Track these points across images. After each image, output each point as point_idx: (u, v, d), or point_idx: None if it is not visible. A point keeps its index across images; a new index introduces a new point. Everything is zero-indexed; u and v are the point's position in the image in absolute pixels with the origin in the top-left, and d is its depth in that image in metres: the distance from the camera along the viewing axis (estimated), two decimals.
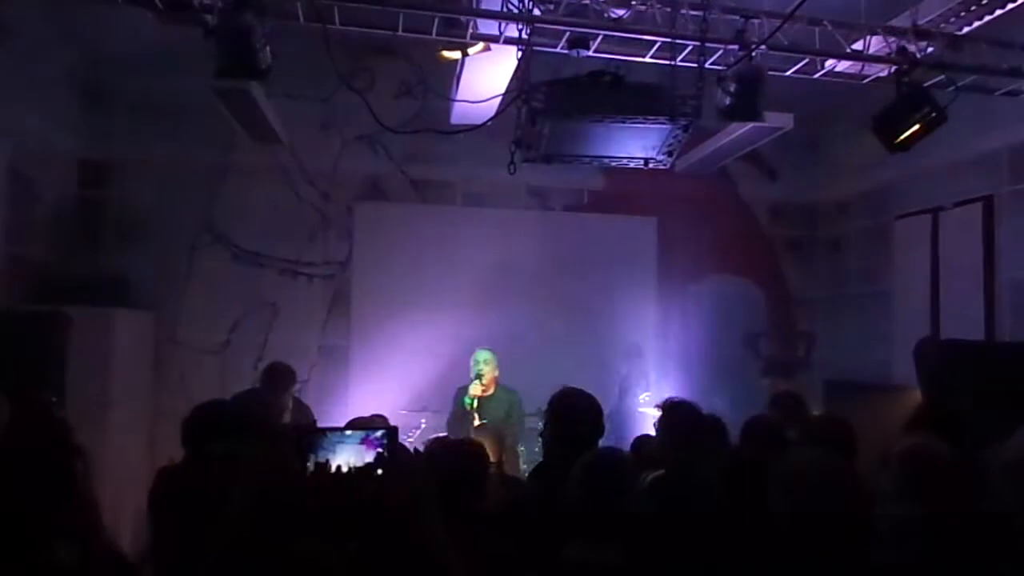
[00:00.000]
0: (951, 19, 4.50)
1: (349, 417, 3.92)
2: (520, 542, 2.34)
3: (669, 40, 4.31)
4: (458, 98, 5.28)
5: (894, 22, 4.68)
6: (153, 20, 4.07)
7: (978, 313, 6.04)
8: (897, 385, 5.90)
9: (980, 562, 2.55)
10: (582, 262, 7.38)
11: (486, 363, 5.53)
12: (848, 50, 4.68)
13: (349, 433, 2.16)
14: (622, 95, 3.70)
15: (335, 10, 4.16)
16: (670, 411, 3.44)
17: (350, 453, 2.10)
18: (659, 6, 4.28)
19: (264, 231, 7.14)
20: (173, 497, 3.02)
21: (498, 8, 4.16)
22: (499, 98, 4.83)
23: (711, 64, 4.45)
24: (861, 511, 2.15)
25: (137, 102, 6.66)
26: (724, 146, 6.30)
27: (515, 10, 4.11)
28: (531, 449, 5.90)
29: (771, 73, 4.49)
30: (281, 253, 7.20)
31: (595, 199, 7.83)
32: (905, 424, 3.51)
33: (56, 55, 6.14)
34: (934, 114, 4.56)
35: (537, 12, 4.15)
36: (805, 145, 7.63)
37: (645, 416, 5.95)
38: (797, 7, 3.87)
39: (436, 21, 4.32)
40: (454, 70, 5.28)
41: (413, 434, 6.09)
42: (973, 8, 4.35)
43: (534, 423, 5.56)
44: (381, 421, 3.65)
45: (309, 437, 2.11)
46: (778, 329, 8.21)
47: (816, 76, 4.89)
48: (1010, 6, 4.24)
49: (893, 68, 4.69)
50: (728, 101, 4.38)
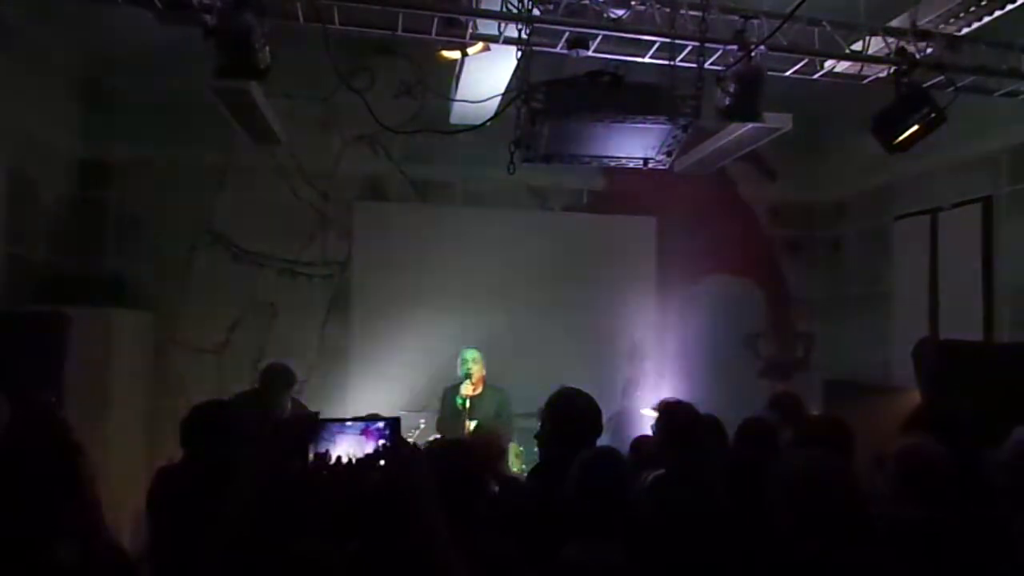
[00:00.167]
0: (950, 20, 4.50)
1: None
2: (520, 542, 2.35)
3: (668, 40, 4.31)
4: (457, 98, 5.28)
5: (893, 23, 4.68)
6: (153, 20, 4.07)
7: (977, 314, 6.04)
8: (896, 385, 5.91)
9: (978, 563, 2.55)
10: (581, 262, 7.37)
11: (475, 362, 5.54)
12: (847, 51, 4.68)
13: (349, 423, 2.14)
14: (621, 95, 3.69)
15: (335, 10, 4.16)
16: (668, 412, 3.45)
17: (350, 443, 2.08)
18: (658, 6, 4.28)
19: (263, 231, 7.14)
20: (172, 497, 3.03)
21: (498, 8, 4.16)
22: (498, 98, 4.83)
23: (710, 64, 4.45)
24: (860, 511, 2.15)
25: (137, 102, 6.66)
26: (723, 146, 6.29)
27: (515, 10, 4.11)
28: (530, 449, 5.90)
29: (770, 73, 4.49)
30: (280, 253, 7.20)
31: (594, 199, 7.83)
32: (903, 424, 3.52)
33: (56, 55, 6.14)
34: (933, 115, 4.56)
35: (536, 12, 4.15)
36: (804, 145, 7.64)
37: (648, 418, 5.94)
38: (796, 8, 3.87)
39: (436, 21, 4.32)
40: (453, 70, 5.28)
41: (413, 434, 6.08)
42: (972, 9, 4.35)
43: (533, 423, 5.56)
44: None
45: (309, 427, 2.09)
46: (777, 329, 8.21)
47: (815, 76, 4.89)
48: (1009, 7, 4.24)
49: (892, 69, 4.69)
50: (727, 101, 4.38)
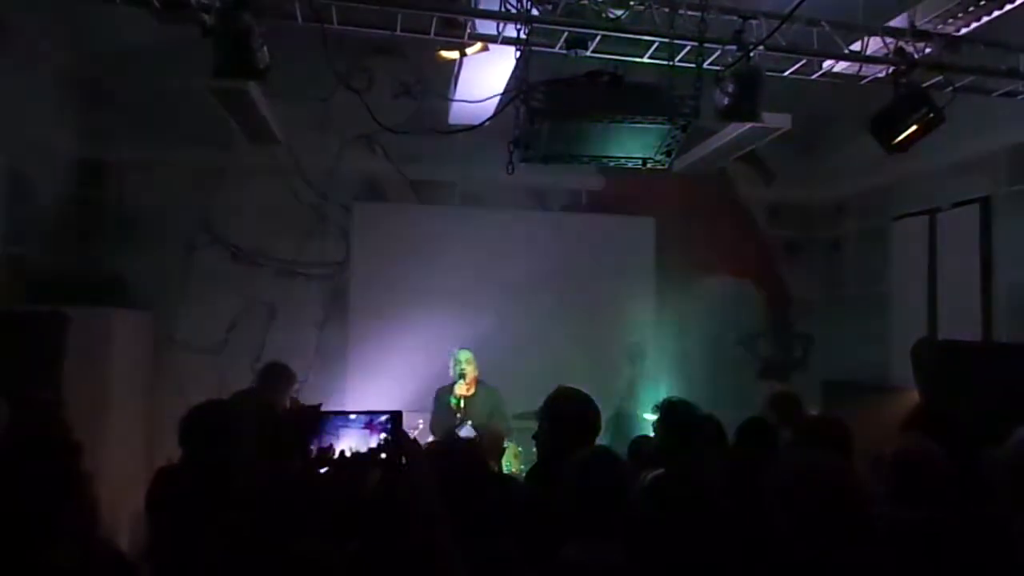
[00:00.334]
0: (949, 20, 4.50)
1: None
2: (519, 542, 2.34)
3: (667, 40, 4.30)
4: (456, 98, 5.28)
5: (892, 23, 4.69)
6: (151, 20, 4.06)
7: (975, 314, 6.04)
8: (895, 386, 5.91)
9: (978, 563, 2.55)
10: (580, 262, 7.37)
11: (467, 362, 5.57)
12: (846, 51, 4.68)
13: (353, 417, 2.14)
14: (620, 95, 3.69)
15: (333, 10, 4.16)
16: (668, 411, 3.45)
17: (354, 438, 2.08)
18: (657, 6, 4.28)
19: (262, 231, 7.14)
20: (171, 497, 3.02)
21: (496, 8, 4.16)
22: (497, 98, 4.83)
23: (709, 64, 4.45)
24: (860, 511, 2.15)
25: (135, 102, 6.63)
26: (722, 147, 6.31)
27: (513, 10, 4.11)
28: (528, 449, 5.90)
29: (769, 74, 4.49)
30: (279, 253, 7.19)
31: (593, 199, 7.83)
32: (901, 425, 3.51)
33: (54, 55, 6.13)
34: (932, 115, 4.57)
35: (535, 12, 4.15)
36: (803, 146, 7.64)
37: (647, 421, 5.92)
38: (795, 8, 3.87)
39: (434, 21, 4.32)
40: (452, 70, 5.28)
41: (412, 434, 6.06)
42: (971, 9, 4.35)
43: (532, 424, 5.57)
44: None
45: (312, 421, 2.09)
46: (776, 330, 8.21)
47: (814, 77, 4.89)
48: (1008, 7, 4.24)
49: (891, 69, 4.70)
50: (726, 101, 4.38)
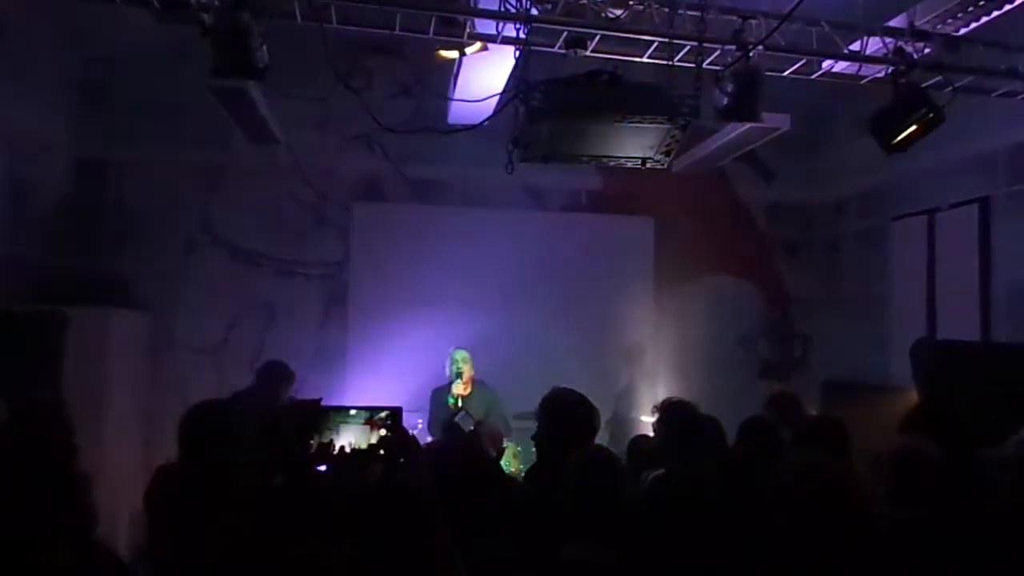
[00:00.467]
0: (948, 20, 4.51)
1: None
2: (519, 542, 2.34)
3: (667, 40, 4.31)
4: (455, 97, 5.27)
5: (891, 23, 4.69)
6: (150, 19, 4.06)
7: (974, 314, 6.04)
8: (894, 386, 5.91)
9: (978, 563, 2.55)
10: (579, 262, 7.37)
11: (464, 362, 5.60)
12: (845, 51, 4.68)
13: (354, 413, 2.14)
14: (620, 95, 3.69)
15: (332, 9, 4.16)
16: (668, 411, 3.45)
17: (354, 434, 2.08)
18: (657, 6, 4.28)
19: (261, 231, 7.13)
20: (170, 497, 3.01)
21: (495, 8, 4.16)
22: (496, 97, 4.83)
23: (709, 64, 4.44)
24: (860, 511, 2.15)
25: (134, 101, 6.63)
26: (721, 146, 6.29)
27: (512, 10, 4.11)
28: (527, 449, 5.89)
29: (768, 73, 4.50)
30: (278, 253, 7.19)
31: (593, 199, 7.83)
32: (900, 425, 3.51)
33: (53, 54, 6.12)
34: (931, 115, 4.57)
35: (535, 12, 4.15)
36: (802, 146, 7.63)
37: (645, 423, 5.90)
38: (794, 8, 3.87)
39: (433, 20, 4.32)
40: (451, 69, 5.27)
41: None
42: (970, 9, 4.36)
43: (530, 424, 5.57)
44: None
45: (312, 417, 2.08)
46: (775, 330, 8.21)
47: (813, 77, 4.89)
48: (1007, 7, 4.25)
49: (890, 69, 4.70)
50: (726, 101, 4.38)
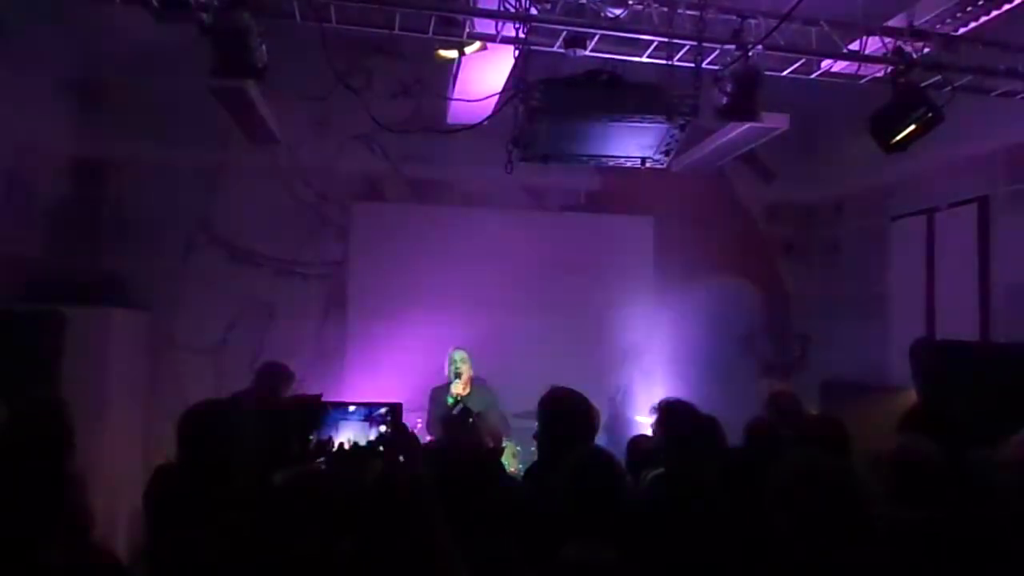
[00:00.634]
0: (947, 20, 4.51)
1: None
2: (519, 542, 2.34)
3: (666, 40, 4.31)
4: (455, 97, 5.27)
5: (891, 22, 4.69)
6: (149, 19, 4.05)
7: (973, 314, 6.04)
8: (893, 385, 5.91)
9: (978, 563, 2.55)
10: (579, 262, 7.37)
11: (463, 362, 5.62)
12: (845, 50, 4.68)
13: (353, 409, 2.14)
14: (619, 94, 3.70)
15: (331, 9, 4.16)
16: (667, 411, 3.44)
17: (353, 430, 2.08)
18: (656, 6, 4.28)
19: (260, 231, 7.12)
20: (169, 496, 3.01)
21: (495, 7, 4.16)
22: (496, 97, 4.83)
23: (708, 64, 4.45)
24: (860, 511, 2.15)
25: (133, 101, 6.62)
26: (721, 146, 6.27)
27: (512, 9, 4.11)
28: (526, 449, 5.90)
29: (768, 73, 4.50)
30: (277, 253, 7.18)
31: (592, 199, 7.83)
32: (899, 425, 3.51)
33: (52, 54, 6.11)
34: (930, 114, 4.57)
35: (534, 11, 4.15)
36: (801, 145, 7.62)
37: (642, 424, 5.91)
38: (794, 7, 3.88)
39: (433, 20, 4.32)
40: (451, 69, 5.26)
41: None
42: (969, 9, 4.36)
43: (529, 424, 5.58)
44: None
45: (312, 413, 2.08)
46: (774, 329, 8.21)
47: (813, 76, 4.89)
48: (1006, 7, 4.25)
49: (890, 68, 4.70)
50: (725, 101, 4.39)
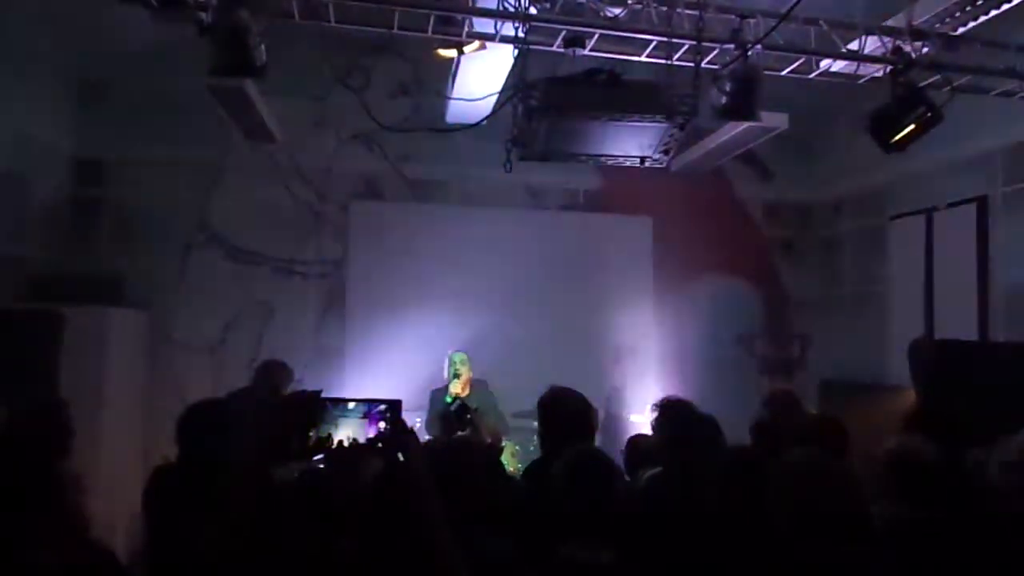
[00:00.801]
0: (946, 19, 4.51)
1: None
2: (518, 542, 2.34)
3: (665, 39, 4.31)
4: (454, 96, 5.27)
5: (890, 22, 4.69)
6: (148, 18, 4.05)
7: (972, 313, 6.05)
8: (892, 385, 5.92)
9: (975, 564, 2.54)
10: (578, 261, 7.37)
11: (462, 363, 5.62)
12: (844, 50, 4.68)
13: (352, 406, 2.14)
14: (619, 93, 3.69)
15: (330, 8, 4.15)
16: (666, 410, 3.44)
17: (352, 427, 2.09)
18: (655, 5, 4.28)
19: (259, 230, 7.12)
20: (168, 496, 3.01)
21: (494, 6, 4.16)
22: (495, 96, 4.83)
23: (707, 63, 4.44)
24: (859, 511, 2.15)
25: (132, 100, 6.63)
26: (720, 145, 6.30)
27: (511, 8, 4.10)
28: (525, 448, 5.90)
29: (767, 73, 4.49)
30: (276, 252, 7.18)
31: (591, 198, 7.83)
32: (898, 424, 3.51)
33: (51, 53, 6.11)
34: (929, 114, 4.57)
35: (533, 11, 4.14)
36: (800, 145, 7.65)
37: (638, 424, 5.91)
38: (793, 7, 3.88)
39: (432, 19, 4.31)
40: (450, 68, 5.27)
41: None
42: (968, 8, 4.36)
43: (528, 423, 5.59)
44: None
45: (312, 411, 2.09)
46: (773, 329, 8.21)
47: (812, 76, 4.89)
48: (1005, 7, 4.25)
49: (888, 68, 4.70)
50: (724, 100, 4.38)
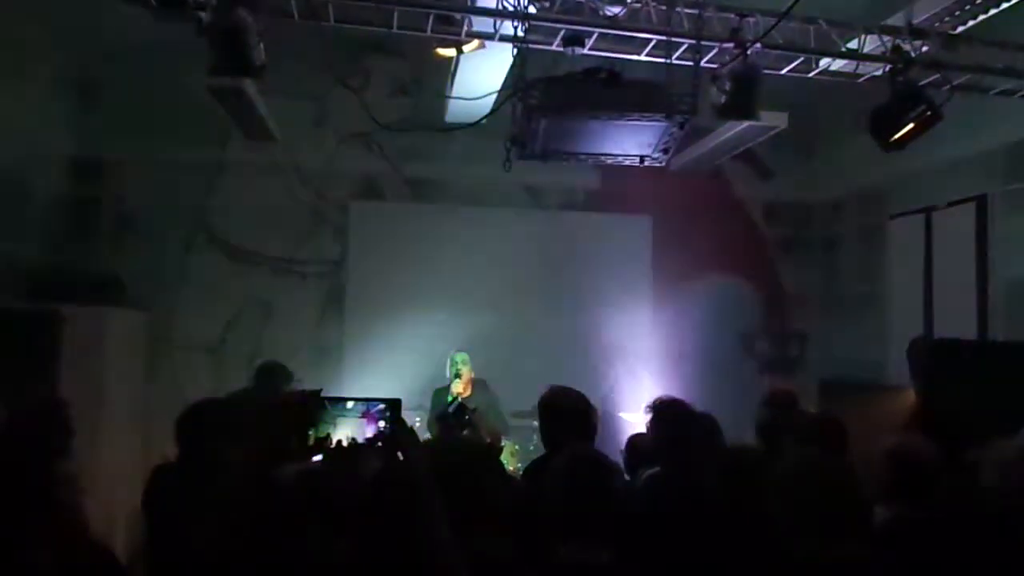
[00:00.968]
0: (946, 18, 4.50)
1: None
2: (518, 542, 2.34)
3: (664, 38, 4.30)
4: (453, 96, 5.27)
5: (889, 21, 4.68)
6: (147, 18, 4.04)
7: (971, 312, 6.05)
8: (892, 384, 5.91)
9: (975, 563, 2.55)
10: (577, 261, 7.37)
11: (464, 363, 5.64)
12: (843, 49, 4.68)
13: (351, 406, 2.14)
14: (618, 92, 3.69)
15: (329, 7, 4.15)
16: (663, 410, 3.43)
17: (350, 427, 2.09)
18: (654, 4, 4.26)
19: (259, 229, 7.13)
20: (168, 495, 3.01)
21: (493, 5, 4.15)
22: (494, 95, 4.82)
23: (706, 62, 4.43)
24: (859, 510, 2.15)
25: (131, 100, 6.61)
26: (719, 145, 6.30)
27: (510, 7, 4.10)
28: (525, 448, 5.91)
29: (766, 72, 4.49)
30: (275, 252, 7.18)
31: (590, 198, 7.83)
32: (897, 423, 3.51)
33: (50, 52, 6.10)
34: (929, 113, 4.56)
35: (532, 10, 4.13)
36: (800, 144, 7.64)
37: (636, 423, 5.91)
38: (792, 6, 3.87)
39: (431, 18, 4.30)
40: (449, 68, 5.27)
41: None
42: (968, 7, 4.35)
43: (528, 423, 5.60)
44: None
45: (311, 410, 2.09)
46: (773, 328, 8.21)
47: (811, 75, 4.88)
48: (1004, 5, 4.24)
49: (888, 67, 4.69)
50: (723, 99, 4.37)
